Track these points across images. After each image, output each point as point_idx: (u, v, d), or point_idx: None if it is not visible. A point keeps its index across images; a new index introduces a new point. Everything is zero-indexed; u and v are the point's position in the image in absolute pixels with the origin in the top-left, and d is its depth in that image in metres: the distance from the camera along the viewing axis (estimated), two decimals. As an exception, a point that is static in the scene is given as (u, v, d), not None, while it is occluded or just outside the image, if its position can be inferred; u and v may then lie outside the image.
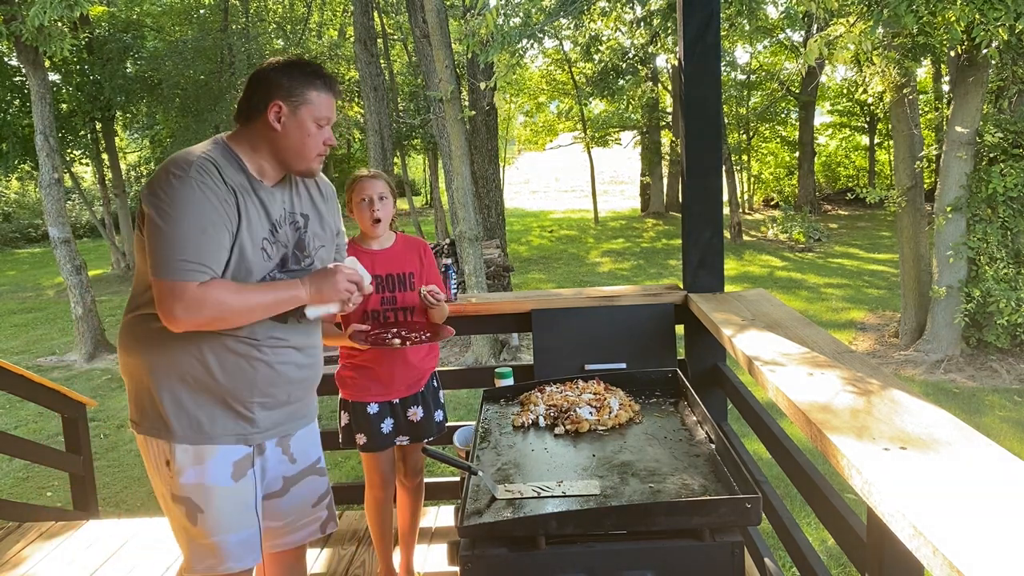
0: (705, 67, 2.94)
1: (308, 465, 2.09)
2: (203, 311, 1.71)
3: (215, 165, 1.78)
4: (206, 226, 1.72)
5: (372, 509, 2.73)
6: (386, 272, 2.56)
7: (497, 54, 8.90)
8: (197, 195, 1.72)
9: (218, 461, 1.86)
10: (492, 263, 11.62)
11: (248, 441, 1.90)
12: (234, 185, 1.80)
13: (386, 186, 2.57)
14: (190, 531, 1.88)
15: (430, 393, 2.69)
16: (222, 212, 1.75)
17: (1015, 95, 9.51)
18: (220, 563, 1.89)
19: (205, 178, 1.74)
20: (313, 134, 1.86)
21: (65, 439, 4.18)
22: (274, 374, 1.90)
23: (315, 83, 1.85)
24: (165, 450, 1.86)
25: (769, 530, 2.63)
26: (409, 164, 26.53)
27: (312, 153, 1.88)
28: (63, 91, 15.90)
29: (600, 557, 1.58)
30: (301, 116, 1.84)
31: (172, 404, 1.83)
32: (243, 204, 1.80)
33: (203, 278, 1.72)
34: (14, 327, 13.32)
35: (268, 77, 1.85)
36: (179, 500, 1.87)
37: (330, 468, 6.81)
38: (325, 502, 2.14)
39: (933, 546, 1.09)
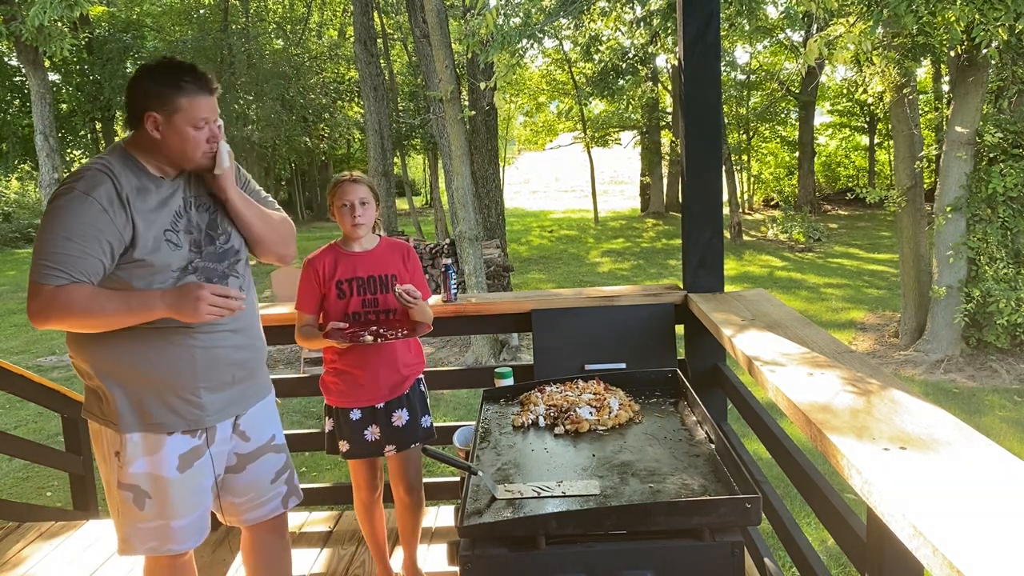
0: (705, 67, 2.94)
1: (263, 443, 2.19)
2: (52, 312, 1.79)
3: (108, 174, 1.86)
4: (71, 235, 1.79)
5: (360, 511, 2.74)
6: (367, 274, 2.55)
7: (497, 54, 8.91)
8: (74, 206, 1.80)
9: (166, 453, 1.96)
10: (492, 263, 11.62)
11: (199, 425, 1.99)
12: (128, 192, 1.86)
13: (368, 191, 2.54)
14: (135, 515, 1.99)
15: (416, 397, 2.64)
16: (100, 222, 1.81)
17: (1015, 95, 9.51)
18: (162, 544, 2.02)
19: (89, 191, 1.82)
20: (192, 137, 1.90)
21: (65, 439, 4.18)
22: (212, 358, 1.99)
23: (184, 88, 1.87)
24: (115, 441, 1.96)
25: (769, 530, 2.64)
26: (409, 164, 26.55)
27: (196, 153, 1.92)
28: (63, 91, 15.93)
29: (600, 557, 1.58)
30: (176, 123, 1.88)
31: (120, 397, 1.93)
32: (137, 207, 1.87)
33: (59, 282, 1.79)
34: (14, 327, 13.33)
35: (139, 86, 1.89)
36: (126, 487, 1.97)
37: (328, 468, 6.82)
38: (283, 477, 2.24)
39: (933, 546, 1.09)
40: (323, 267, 2.54)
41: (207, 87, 1.92)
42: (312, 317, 2.57)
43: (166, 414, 1.95)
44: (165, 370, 1.93)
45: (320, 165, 25.39)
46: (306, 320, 2.57)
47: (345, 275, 2.53)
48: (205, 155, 1.94)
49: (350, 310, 2.52)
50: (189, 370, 1.96)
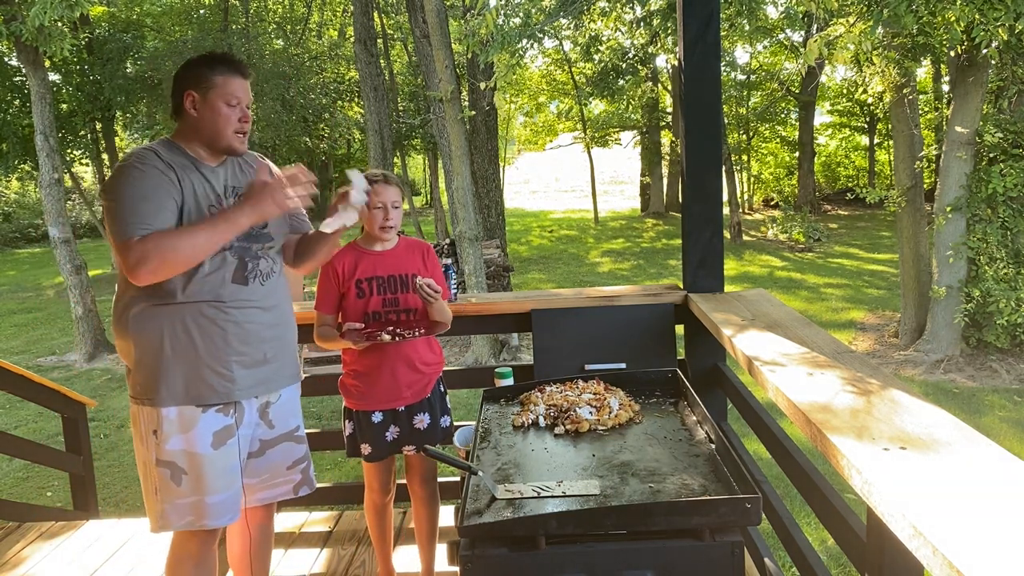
0: (705, 67, 2.94)
1: (286, 432, 2.30)
2: (149, 257, 1.91)
3: (154, 152, 2.04)
4: (146, 193, 1.96)
5: (371, 512, 2.71)
6: (388, 274, 2.53)
7: (497, 54, 8.90)
8: (135, 173, 1.98)
9: (200, 431, 2.07)
10: (492, 263, 11.62)
11: (229, 398, 2.10)
12: (174, 164, 2.04)
13: (399, 192, 2.53)
14: (173, 491, 2.08)
15: (436, 399, 2.63)
16: (161, 181, 1.99)
17: (1015, 95, 9.51)
18: (198, 520, 2.11)
19: (143, 161, 2.00)
20: (225, 114, 2.07)
21: (65, 439, 4.18)
22: (244, 332, 2.11)
23: (219, 68, 2.07)
24: (153, 419, 2.06)
25: (769, 530, 2.63)
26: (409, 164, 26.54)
27: (228, 131, 2.09)
28: (63, 91, 15.90)
29: (600, 557, 1.58)
30: (211, 99, 2.07)
31: (158, 371, 2.04)
32: (184, 177, 2.04)
33: (145, 231, 1.93)
34: (14, 327, 13.33)
35: (181, 73, 2.10)
36: (163, 464, 2.07)
37: (330, 468, 6.82)
38: (300, 467, 2.35)
39: (933, 546, 1.09)
40: (343, 266, 2.52)
41: (240, 70, 2.10)
42: (331, 317, 2.55)
43: (200, 386, 2.05)
44: (200, 343, 2.04)
45: (320, 165, 25.39)
46: (325, 320, 2.56)
47: (365, 274, 2.51)
48: (236, 134, 2.10)
49: (370, 309, 2.50)
50: (222, 343, 2.07)
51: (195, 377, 2.06)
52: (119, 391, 9.48)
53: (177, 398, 2.05)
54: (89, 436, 4.28)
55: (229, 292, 2.08)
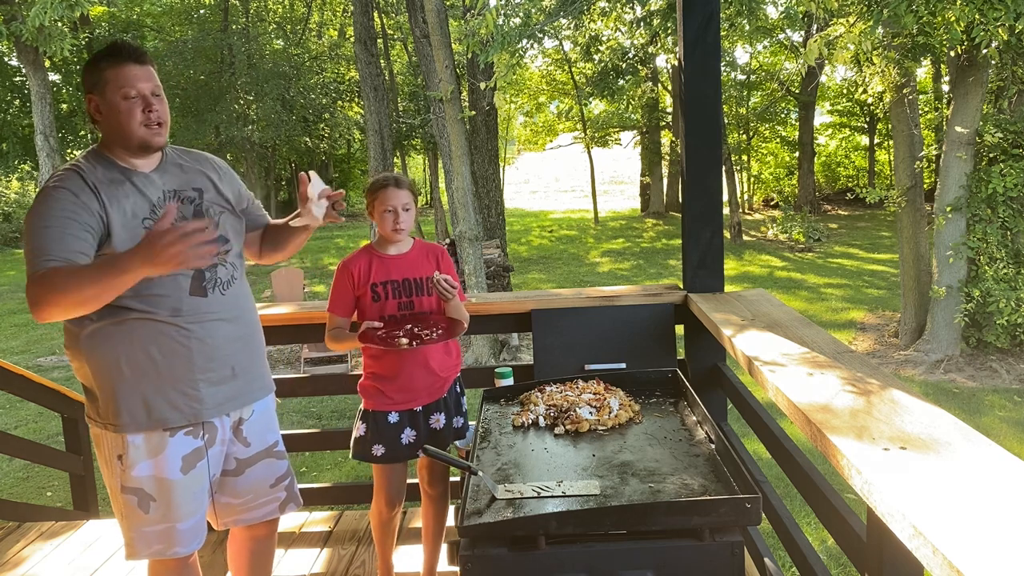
0: (705, 67, 2.94)
1: (263, 448, 2.18)
2: (41, 296, 1.78)
3: (77, 171, 1.89)
4: (48, 223, 1.82)
5: (376, 520, 2.68)
6: (403, 277, 2.53)
7: (497, 54, 8.91)
8: (47, 200, 1.84)
9: (169, 455, 1.95)
10: (492, 263, 11.62)
11: (197, 419, 1.97)
12: (95, 181, 1.88)
13: (410, 195, 2.52)
14: (140, 519, 1.97)
15: (452, 399, 2.62)
16: (73, 208, 1.83)
17: (1015, 95, 9.51)
18: (168, 548, 2.00)
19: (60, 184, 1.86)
20: (124, 109, 1.88)
21: (65, 439, 4.18)
22: (208, 348, 1.97)
23: (107, 61, 1.90)
24: (118, 444, 1.94)
25: (769, 530, 2.64)
26: (409, 164, 26.54)
27: (133, 125, 1.90)
28: (63, 91, 15.92)
29: (600, 557, 1.58)
30: (109, 97, 1.89)
31: (118, 396, 1.91)
32: (110, 195, 1.88)
33: (46, 266, 1.79)
34: (14, 327, 13.33)
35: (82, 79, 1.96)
36: (130, 491, 1.95)
37: (330, 468, 6.82)
38: (284, 483, 2.23)
39: (933, 546, 1.09)
40: (358, 270, 2.51)
41: (130, 56, 1.91)
42: (344, 320, 2.55)
43: (165, 409, 1.93)
44: (161, 363, 1.91)
45: (320, 165, 25.41)
46: (337, 322, 2.55)
47: (380, 278, 2.50)
48: (146, 128, 1.91)
49: (386, 313, 2.49)
50: (185, 361, 1.93)
51: (159, 400, 1.92)
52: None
53: (141, 424, 1.92)
54: (89, 436, 4.28)
55: (188, 306, 1.93)
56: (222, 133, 15.31)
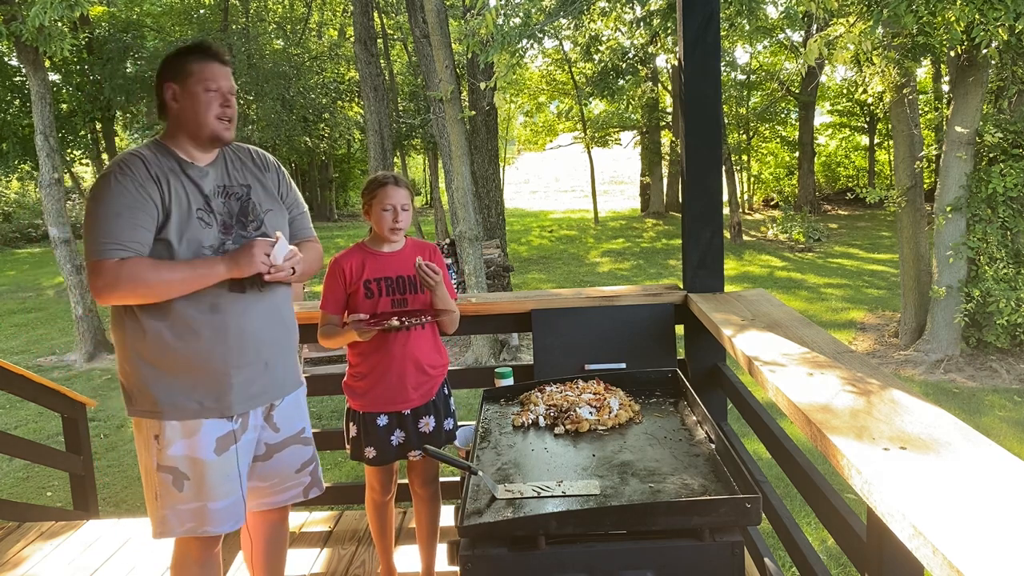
0: (705, 67, 2.94)
1: (292, 435, 2.27)
2: (120, 284, 1.90)
3: (140, 159, 2.00)
4: (120, 210, 1.92)
5: (371, 511, 2.72)
6: (396, 274, 2.54)
7: (497, 54, 8.91)
8: (113, 187, 1.94)
9: (203, 437, 2.04)
10: (492, 263, 11.62)
11: (231, 412, 2.06)
12: (158, 172, 1.99)
13: (408, 194, 2.53)
14: (174, 497, 2.05)
15: (441, 401, 2.62)
16: (138, 197, 1.94)
17: (1015, 95, 9.51)
18: (200, 526, 2.08)
19: (123, 172, 1.95)
20: (204, 100, 2.02)
21: (65, 439, 4.18)
22: (243, 342, 2.06)
23: (193, 56, 2.04)
24: (155, 426, 2.03)
25: (769, 530, 2.64)
26: (409, 164, 26.55)
27: (210, 117, 2.03)
28: (63, 91, 15.91)
29: (600, 557, 1.58)
30: (190, 88, 2.02)
31: (156, 385, 2.01)
32: (169, 185, 1.99)
33: (119, 255, 1.90)
34: (14, 327, 13.32)
35: (160, 69, 2.07)
36: (165, 469, 2.04)
37: (330, 468, 6.82)
38: (309, 469, 2.32)
39: (933, 546, 1.09)
40: (350, 267, 2.52)
41: (217, 56, 2.07)
42: (336, 317, 2.55)
43: (201, 398, 2.02)
44: (199, 353, 2.00)
45: (320, 165, 25.40)
46: (330, 319, 2.56)
47: (374, 275, 2.51)
48: (220, 122, 2.04)
49: (379, 309, 2.50)
50: (221, 355, 2.03)
51: (195, 391, 2.02)
52: (119, 391, 9.47)
53: (176, 413, 2.02)
54: (89, 436, 4.28)
55: (226, 301, 2.03)
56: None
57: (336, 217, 25.82)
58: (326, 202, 26.86)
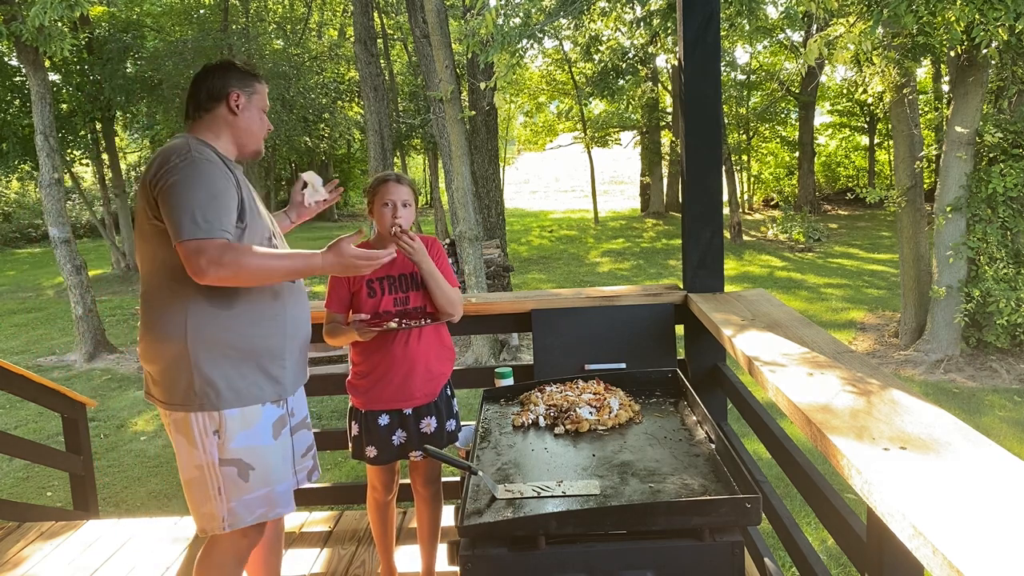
0: (705, 67, 2.94)
1: (302, 419, 2.32)
2: (226, 265, 1.90)
3: (210, 148, 2.08)
4: (216, 193, 1.96)
5: (373, 510, 2.73)
6: (398, 272, 2.55)
7: (497, 54, 8.90)
8: (203, 168, 1.97)
9: (262, 423, 2.10)
10: (492, 263, 11.62)
11: (285, 395, 2.16)
12: (225, 160, 2.09)
13: (411, 192, 2.53)
14: (241, 488, 2.08)
15: (443, 402, 2.62)
16: (228, 182, 2.01)
17: (1015, 95, 9.51)
18: (271, 510, 2.14)
19: (208, 159, 2.01)
20: (261, 120, 2.20)
21: (65, 439, 4.18)
22: (294, 328, 2.18)
23: (259, 78, 2.22)
24: (215, 419, 2.04)
25: (769, 530, 2.64)
26: (409, 164, 26.55)
27: (261, 136, 2.22)
28: (63, 91, 15.89)
29: (600, 557, 1.58)
30: (254, 103, 2.18)
31: (222, 375, 2.03)
32: (238, 175, 2.09)
33: (221, 236, 1.92)
34: (14, 327, 13.32)
35: (221, 73, 2.16)
36: (228, 463, 2.06)
37: (330, 467, 6.82)
38: (312, 452, 2.39)
39: (933, 546, 1.09)
40: None
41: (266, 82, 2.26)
42: (341, 316, 2.56)
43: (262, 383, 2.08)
44: (261, 341, 2.08)
45: (320, 165, 25.41)
46: (334, 318, 2.57)
47: (376, 274, 2.51)
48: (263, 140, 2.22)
49: (381, 308, 2.51)
50: (280, 338, 2.12)
51: (257, 375, 2.08)
52: (119, 391, 9.48)
53: (242, 398, 2.06)
54: (89, 436, 4.28)
55: (285, 288, 2.17)
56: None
57: (336, 217, 25.83)
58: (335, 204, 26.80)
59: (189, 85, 2.19)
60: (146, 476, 6.95)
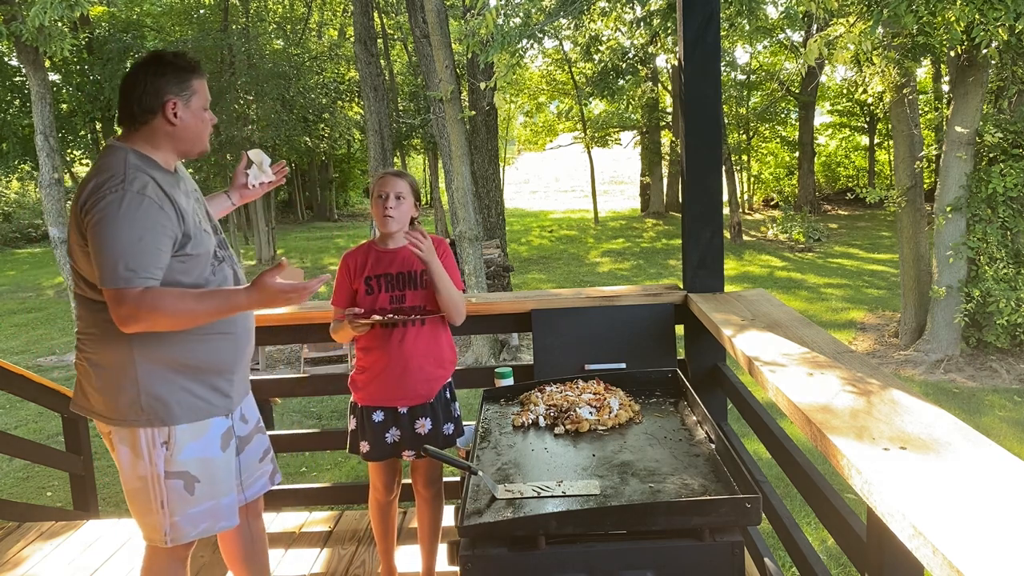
0: (705, 67, 2.94)
1: (255, 425, 2.30)
2: (140, 315, 1.83)
3: (150, 177, 1.90)
4: (143, 233, 1.84)
5: (374, 510, 2.74)
6: (397, 271, 2.55)
7: (497, 54, 8.91)
8: (132, 206, 1.84)
9: (211, 435, 2.05)
10: (492, 263, 11.62)
11: (232, 407, 2.11)
12: (166, 189, 1.92)
13: (407, 186, 2.54)
14: (186, 501, 2.02)
15: (440, 404, 2.61)
16: (159, 217, 1.87)
17: (1015, 95, 9.51)
18: (216, 523, 2.08)
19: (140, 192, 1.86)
20: (206, 120, 2.04)
21: (65, 439, 4.18)
22: (243, 342, 2.13)
23: (196, 73, 2.01)
24: (163, 433, 1.98)
25: (769, 530, 2.64)
26: (409, 164, 26.55)
27: (206, 136, 2.07)
28: (63, 91, 15.89)
29: (600, 557, 1.58)
30: (193, 106, 2.00)
31: (170, 391, 1.97)
32: (176, 200, 1.93)
33: (143, 284, 1.83)
34: (14, 327, 13.32)
35: (152, 78, 1.96)
36: (175, 476, 2.00)
37: (330, 468, 6.82)
38: (269, 456, 2.35)
39: (933, 546, 1.09)
40: (355, 263, 2.57)
41: (203, 72, 2.06)
42: (343, 311, 2.58)
43: (212, 398, 2.03)
44: (209, 358, 2.02)
45: (320, 165, 25.39)
46: (337, 314, 2.60)
47: (375, 271, 2.54)
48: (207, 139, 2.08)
49: (378, 305, 2.52)
50: (230, 355, 2.07)
51: (206, 391, 2.02)
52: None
53: (192, 413, 2.00)
54: (89, 436, 4.28)
55: None
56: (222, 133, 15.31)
57: (336, 217, 25.83)
58: (326, 202, 26.85)
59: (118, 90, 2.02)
60: (146, 476, 6.94)
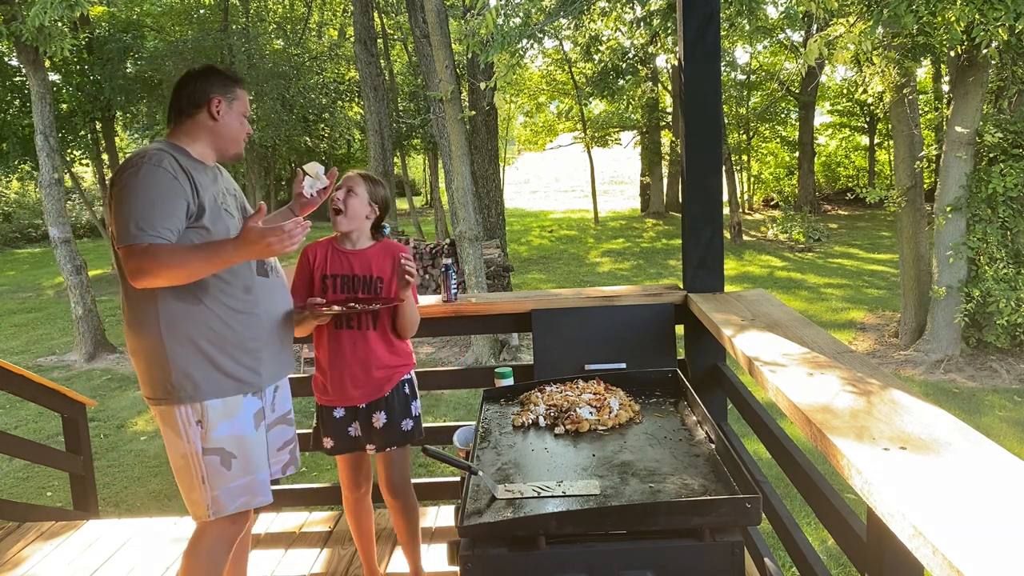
0: (705, 67, 2.94)
1: (282, 415, 2.42)
2: (148, 269, 1.98)
3: (166, 151, 2.12)
4: (156, 198, 2.02)
5: (347, 509, 2.79)
6: (353, 273, 2.57)
7: (497, 54, 8.90)
8: (149, 174, 2.04)
9: (244, 415, 2.18)
10: (492, 263, 11.62)
11: (260, 387, 2.22)
12: (186, 166, 2.12)
13: (364, 184, 2.55)
14: (224, 477, 2.16)
15: (398, 400, 2.60)
16: (173, 186, 2.05)
17: (1015, 95, 9.51)
18: (253, 498, 2.21)
19: (158, 163, 2.06)
20: (242, 124, 2.28)
21: (65, 439, 4.18)
22: (270, 322, 2.25)
23: (240, 84, 2.29)
24: (197, 411, 2.13)
25: (769, 530, 2.64)
26: (409, 164, 26.54)
27: (242, 138, 2.29)
28: (63, 91, 15.87)
29: (600, 557, 1.58)
30: (235, 109, 2.26)
31: (198, 367, 2.11)
32: (197, 179, 2.13)
33: (151, 240, 1.99)
34: (14, 327, 13.32)
35: (202, 79, 2.23)
36: (212, 452, 2.15)
37: (330, 468, 6.81)
38: (289, 447, 2.47)
39: (933, 546, 1.09)
40: (315, 256, 2.61)
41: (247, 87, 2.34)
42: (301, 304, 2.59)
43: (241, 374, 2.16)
44: (235, 334, 2.15)
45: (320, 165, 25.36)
46: None
47: (332, 270, 2.58)
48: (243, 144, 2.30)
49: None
50: (255, 332, 2.19)
51: (235, 367, 2.15)
52: (119, 391, 9.47)
53: (221, 389, 2.13)
54: (89, 436, 4.28)
55: (257, 284, 2.22)
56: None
57: (336, 217, 25.77)
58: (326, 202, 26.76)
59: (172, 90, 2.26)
60: (146, 476, 6.95)
